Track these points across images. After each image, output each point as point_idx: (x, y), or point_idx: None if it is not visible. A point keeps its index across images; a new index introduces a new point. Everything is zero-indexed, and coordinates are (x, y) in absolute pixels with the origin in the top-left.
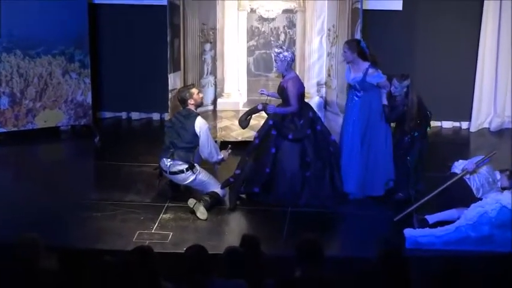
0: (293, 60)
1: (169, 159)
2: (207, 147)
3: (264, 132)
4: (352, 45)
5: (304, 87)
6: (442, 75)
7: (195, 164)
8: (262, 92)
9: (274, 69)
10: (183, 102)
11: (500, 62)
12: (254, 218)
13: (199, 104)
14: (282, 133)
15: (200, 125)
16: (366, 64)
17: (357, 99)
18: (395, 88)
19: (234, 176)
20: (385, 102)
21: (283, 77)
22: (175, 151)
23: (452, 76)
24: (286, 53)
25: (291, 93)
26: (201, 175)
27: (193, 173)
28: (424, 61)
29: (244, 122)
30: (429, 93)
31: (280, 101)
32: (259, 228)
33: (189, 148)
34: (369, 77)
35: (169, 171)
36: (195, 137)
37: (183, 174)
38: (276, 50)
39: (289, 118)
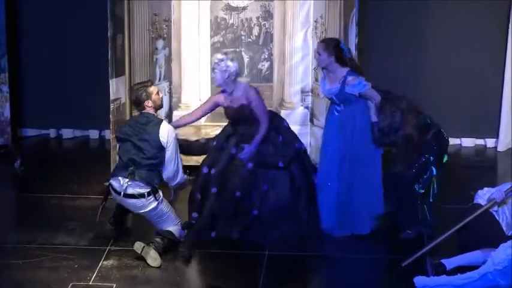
0: (236, 75)
1: (127, 179)
2: (173, 163)
3: (249, 183)
4: (329, 45)
5: None
6: (461, 81)
7: (159, 190)
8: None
9: (213, 77)
10: (139, 104)
11: None
12: (221, 264)
13: (159, 107)
14: (268, 164)
15: (168, 133)
16: (344, 71)
17: (336, 114)
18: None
19: (193, 219)
20: (374, 119)
21: (226, 92)
22: (136, 170)
23: (474, 81)
24: (230, 63)
25: (259, 108)
26: (163, 205)
27: (156, 199)
28: (437, 63)
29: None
30: (445, 103)
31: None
32: (228, 278)
33: (154, 165)
34: (348, 87)
35: (125, 193)
36: (161, 150)
37: (143, 199)
38: (219, 56)
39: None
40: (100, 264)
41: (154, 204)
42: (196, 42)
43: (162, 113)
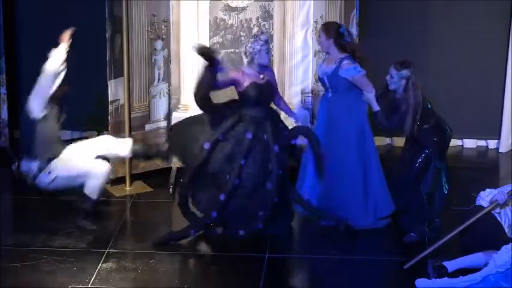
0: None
1: None
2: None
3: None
4: (330, 29)
5: None
6: (463, 82)
7: None
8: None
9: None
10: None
11: None
12: (221, 266)
13: None
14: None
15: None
16: (342, 55)
17: (326, 102)
18: (390, 78)
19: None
20: (376, 108)
21: (259, 71)
22: None
23: (476, 82)
24: (270, 45)
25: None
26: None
27: None
28: (439, 64)
29: None
30: (446, 104)
31: None
32: (228, 280)
33: None
34: (342, 70)
35: None
36: None
37: None
38: (262, 36)
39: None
40: (99, 267)
41: None
42: (196, 42)
43: (160, 115)
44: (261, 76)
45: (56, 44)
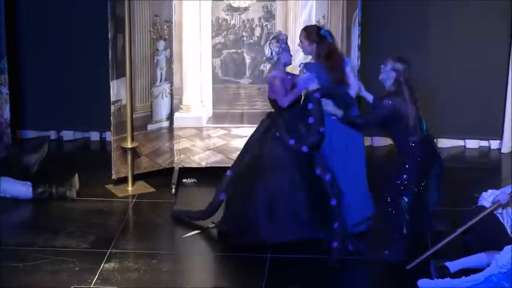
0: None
1: None
2: None
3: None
4: (311, 33)
5: None
6: (465, 82)
7: None
8: None
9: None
10: None
11: None
12: (223, 266)
13: None
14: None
15: None
16: (312, 63)
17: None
18: (384, 66)
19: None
20: (339, 113)
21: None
22: None
23: (478, 82)
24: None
25: None
26: None
27: None
28: (441, 64)
29: None
30: (448, 104)
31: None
32: (230, 281)
33: None
34: (299, 79)
35: None
36: None
37: None
38: (282, 36)
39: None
40: (101, 267)
41: None
42: (198, 43)
43: (163, 115)
44: (289, 77)
45: (57, 45)
